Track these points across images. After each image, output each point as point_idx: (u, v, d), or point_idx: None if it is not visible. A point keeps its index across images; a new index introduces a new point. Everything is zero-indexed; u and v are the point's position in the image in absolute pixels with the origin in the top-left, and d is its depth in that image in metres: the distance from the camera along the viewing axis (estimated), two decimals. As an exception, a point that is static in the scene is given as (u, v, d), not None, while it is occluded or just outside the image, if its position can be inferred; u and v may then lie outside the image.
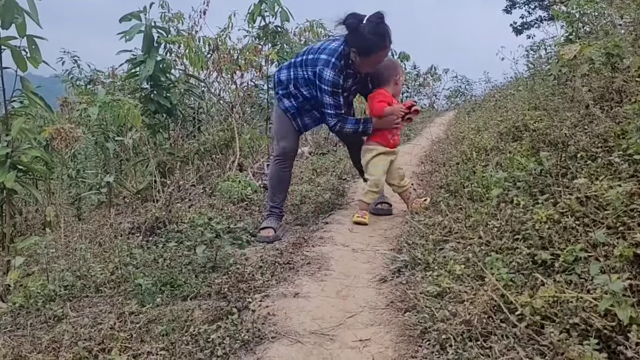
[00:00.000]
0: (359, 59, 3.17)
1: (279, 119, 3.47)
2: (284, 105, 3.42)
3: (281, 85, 3.42)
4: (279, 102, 3.45)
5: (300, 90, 3.37)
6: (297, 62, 3.37)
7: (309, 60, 3.27)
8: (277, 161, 3.42)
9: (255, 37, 6.56)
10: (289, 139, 3.44)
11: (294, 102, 3.41)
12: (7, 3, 3.43)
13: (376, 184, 3.35)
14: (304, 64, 3.31)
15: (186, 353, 1.74)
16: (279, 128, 3.47)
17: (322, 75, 3.16)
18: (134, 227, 3.45)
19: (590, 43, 3.21)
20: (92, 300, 2.33)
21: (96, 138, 5.50)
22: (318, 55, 3.23)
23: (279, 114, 3.47)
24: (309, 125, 3.53)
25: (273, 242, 3.13)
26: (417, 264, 2.33)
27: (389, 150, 3.38)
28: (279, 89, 3.44)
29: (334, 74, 3.16)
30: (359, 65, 3.22)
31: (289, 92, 3.40)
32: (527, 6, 21.10)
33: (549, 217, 2.02)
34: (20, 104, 3.98)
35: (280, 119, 3.45)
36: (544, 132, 3.06)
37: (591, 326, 1.44)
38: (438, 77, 13.85)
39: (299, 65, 3.34)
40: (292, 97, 3.40)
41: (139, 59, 5.26)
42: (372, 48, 3.11)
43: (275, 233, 3.22)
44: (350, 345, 1.78)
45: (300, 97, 3.39)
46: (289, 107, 3.41)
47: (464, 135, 4.80)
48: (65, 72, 9.11)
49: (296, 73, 3.35)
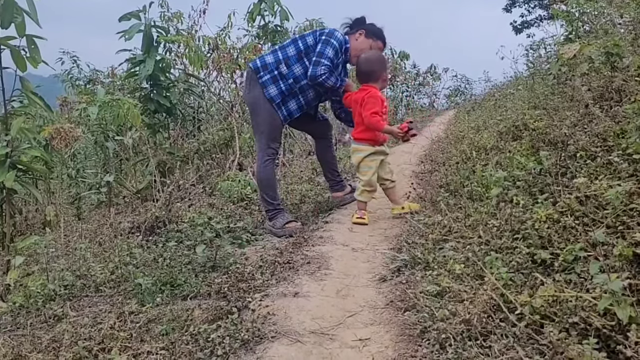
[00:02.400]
0: (360, 40, 3.43)
1: (265, 114, 3.36)
2: (269, 93, 3.34)
3: (267, 69, 3.35)
4: (264, 90, 3.34)
5: (291, 69, 3.34)
6: (285, 45, 3.42)
7: (307, 36, 3.38)
8: (269, 162, 3.41)
9: (254, 36, 6.56)
10: (278, 138, 3.52)
11: (282, 85, 3.35)
12: (7, 3, 3.43)
13: (369, 183, 3.32)
14: (297, 40, 3.38)
15: (186, 352, 1.74)
16: (268, 128, 3.39)
17: (334, 33, 3.33)
18: (134, 226, 3.45)
19: (589, 42, 3.22)
20: (92, 300, 2.34)
21: (96, 137, 5.50)
22: (319, 32, 3.38)
23: (264, 107, 3.35)
24: (293, 112, 3.46)
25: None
26: (417, 263, 2.33)
27: (378, 149, 3.34)
28: (264, 74, 3.35)
29: (343, 36, 3.39)
30: (354, 49, 3.42)
31: (277, 74, 3.35)
32: (527, 5, 21.09)
33: (548, 216, 2.02)
34: (19, 103, 3.98)
35: (267, 114, 3.36)
36: (543, 131, 3.06)
37: (590, 325, 1.44)
38: (438, 76, 13.82)
39: (288, 45, 3.39)
40: (280, 80, 3.35)
41: (139, 59, 5.26)
42: (379, 34, 3.47)
43: (298, 222, 3.38)
44: (350, 345, 1.78)
45: (290, 78, 3.35)
46: (275, 96, 3.35)
47: (464, 135, 4.79)
48: (64, 71, 9.11)
49: (285, 53, 3.37)
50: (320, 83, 3.29)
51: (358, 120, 3.35)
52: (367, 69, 3.33)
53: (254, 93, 3.40)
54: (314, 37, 3.35)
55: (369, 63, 3.33)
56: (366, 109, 3.24)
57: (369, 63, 3.33)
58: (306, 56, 3.34)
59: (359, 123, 3.34)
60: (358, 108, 3.32)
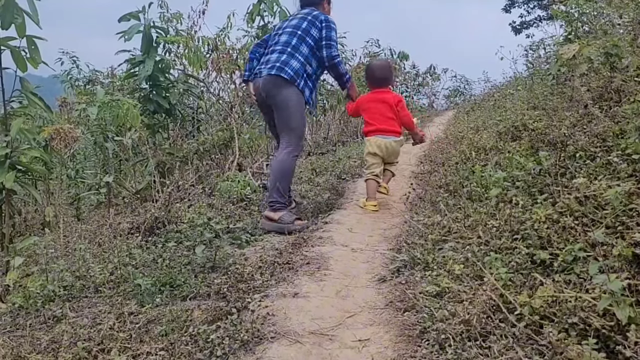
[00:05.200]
0: (327, 8, 3.82)
1: (299, 114, 3.50)
2: (307, 97, 3.55)
3: (299, 76, 3.47)
4: (303, 94, 3.51)
5: (312, 67, 3.56)
6: (295, 45, 3.52)
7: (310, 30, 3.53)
8: (296, 158, 3.54)
9: (254, 36, 6.55)
10: (304, 135, 3.79)
11: (310, 84, 3.57)
12: (7, 3, 3.43)
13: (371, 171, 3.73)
14: (305, 38, 3.52)
15: (185, 353, 1.74)
16: (301, 128, 3.57)
17: (328, 19, 3.59)
18: (133, 227, 3.45)
19: (589, 43, 3.22)
20: (92, 301, 2.33)
21: (95, 138, 5.49)
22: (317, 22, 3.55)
23: (299, 108, 3.49)
24: (314, 102, 3.75)
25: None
26: (417, 264, 2.33)
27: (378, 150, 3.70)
28: (300, 81, 3.47)
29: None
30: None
31: (305, 76, 3.52)
32: (526, 5, 21.10)
33: (547, 216, 2.02)
34: (19, 104, 3.98)
35: (301, 114, 3.52)
36: (543, 131, 3.06)
37: (590, 326, 1.44)
38: (437, 77, 13.82)
39: (299, 45, 3.51)
40: (308, 80, 3.54)
41: (138, 59, 5.26)
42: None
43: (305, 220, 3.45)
44: (350, 345, 1.78)
45: (313, 75, 3.58)
46: (308, 97, 3.57)
47: (463, 135, 4.80)
48: (64, 72, 9.10)
49: (302, 53, 3.51)
50: (336, 64, 3.56)
51: (387, 116, 3.74)
52: (381, 75, 3.83)
53: (286, 93, 3.46)
54: (316, 27, 3.55)
55: (383, 70, 3.87)
56: (405, 111, 3.79)
57: (383, 70, 3.87)
58: (318, 50, 3.56)
59: (391, 118, 3.74)
60: (383, 105, 3.75)
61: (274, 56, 3.50)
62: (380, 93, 3.78)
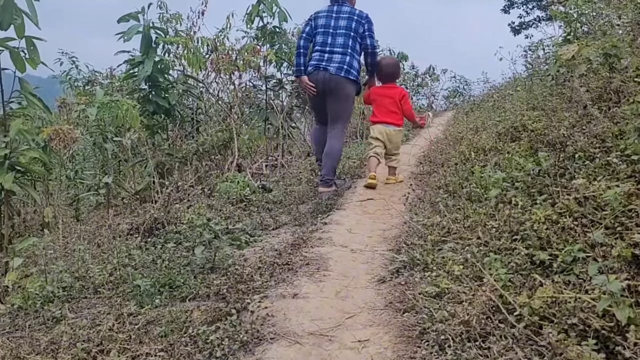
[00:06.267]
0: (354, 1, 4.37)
1: (352, 107, 4.32)
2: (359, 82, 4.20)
3: (358, 73, 4.12)
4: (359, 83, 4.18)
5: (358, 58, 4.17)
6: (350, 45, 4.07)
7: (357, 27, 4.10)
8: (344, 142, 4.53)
9: (253, 37, 6.56)
10: None
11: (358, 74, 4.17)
12: (6, 4, 3.43)
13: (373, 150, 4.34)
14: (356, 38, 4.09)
15: (185, 354, 1.74)
16: (349, 118, 4.45)
17: (368, 15, 4.17)
18: (133, 228, 3.45)
19: (588, 43, 3.22)
20: (91, 302, 2.33)
21: (94, 139, 5.49)
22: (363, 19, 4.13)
23: (352, 101, 4.24)
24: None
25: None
26: (416, 265, 2.33)
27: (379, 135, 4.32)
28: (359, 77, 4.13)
29: None
30: None
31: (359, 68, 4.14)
32: (525, 6, 21.09)
33: (547, 217, 2.02)
34: (18, 105, 3.98)
35: (352, 107, 4.31)
36: (542, 132, 3.07)
37: (589, 326, 1.44)
38: (436, 77, 13.80)
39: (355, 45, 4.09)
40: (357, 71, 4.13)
41: (137, 60, 5.26)
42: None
43: None
44: (349, 346, 1.78)
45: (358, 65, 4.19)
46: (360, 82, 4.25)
47: (463, 136, 4.80)
48: (63, 73, 9.08)
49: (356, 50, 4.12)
50: (376, 52, 4.27)
51: (391, 110, 4.38)
52: (390, 71, 4.48)
53: (349, 90, 4.13)
54: (361, 25, 4.12)
55: (392, 67, 4.52)
56: (407, 105, 4.46)
57: (392, 67, 4.52)
58: (361, 39, 4.15)
59: (393, 112, 4.38)
60: (388, 100, 4.37)
61: (338, 57, 4.06)
62: (388, 88, 4.44)
